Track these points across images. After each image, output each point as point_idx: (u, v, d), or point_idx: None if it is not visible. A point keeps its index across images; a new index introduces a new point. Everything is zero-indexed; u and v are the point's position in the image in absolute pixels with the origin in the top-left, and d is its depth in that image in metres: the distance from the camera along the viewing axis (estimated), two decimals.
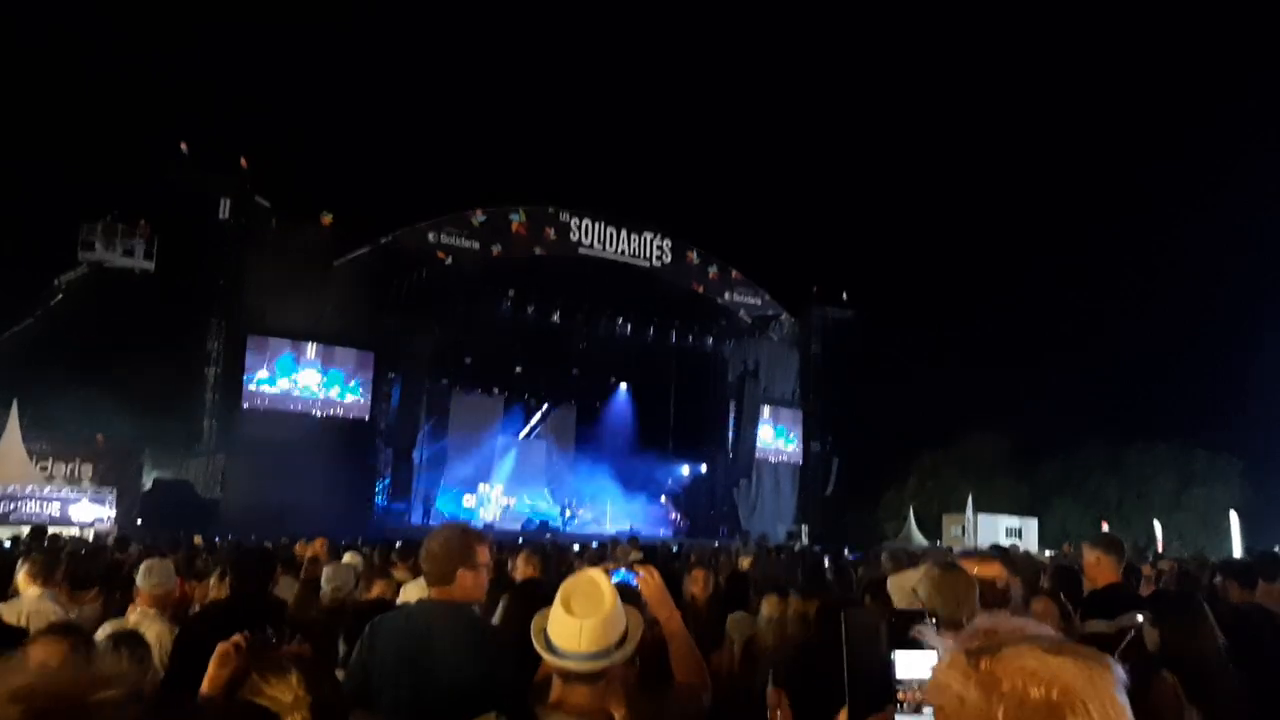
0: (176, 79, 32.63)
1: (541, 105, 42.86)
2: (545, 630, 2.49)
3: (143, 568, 5.12)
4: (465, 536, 3.32)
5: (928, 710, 1.26)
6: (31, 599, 4.92)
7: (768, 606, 4.62)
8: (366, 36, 45.39)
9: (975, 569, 3.33)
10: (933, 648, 1.28)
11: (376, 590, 5.99)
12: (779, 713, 2.31)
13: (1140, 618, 3.94)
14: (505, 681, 2.90)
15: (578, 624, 2.42)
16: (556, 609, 2.48)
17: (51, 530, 13.94)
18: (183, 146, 26.17)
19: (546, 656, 2.46)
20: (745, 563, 10.21)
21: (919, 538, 31.86)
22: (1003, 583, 3.52)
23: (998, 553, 4.54)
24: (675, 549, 16.40)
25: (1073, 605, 4.83)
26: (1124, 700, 1.12)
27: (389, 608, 4.68)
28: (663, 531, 33.14)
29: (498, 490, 32.56)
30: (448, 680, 2.98)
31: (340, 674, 3.14)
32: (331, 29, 42.30)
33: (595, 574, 2.59)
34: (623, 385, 37.20)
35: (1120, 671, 1.15)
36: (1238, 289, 35.61)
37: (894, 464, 37.92)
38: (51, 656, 2.87)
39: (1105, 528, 28.67)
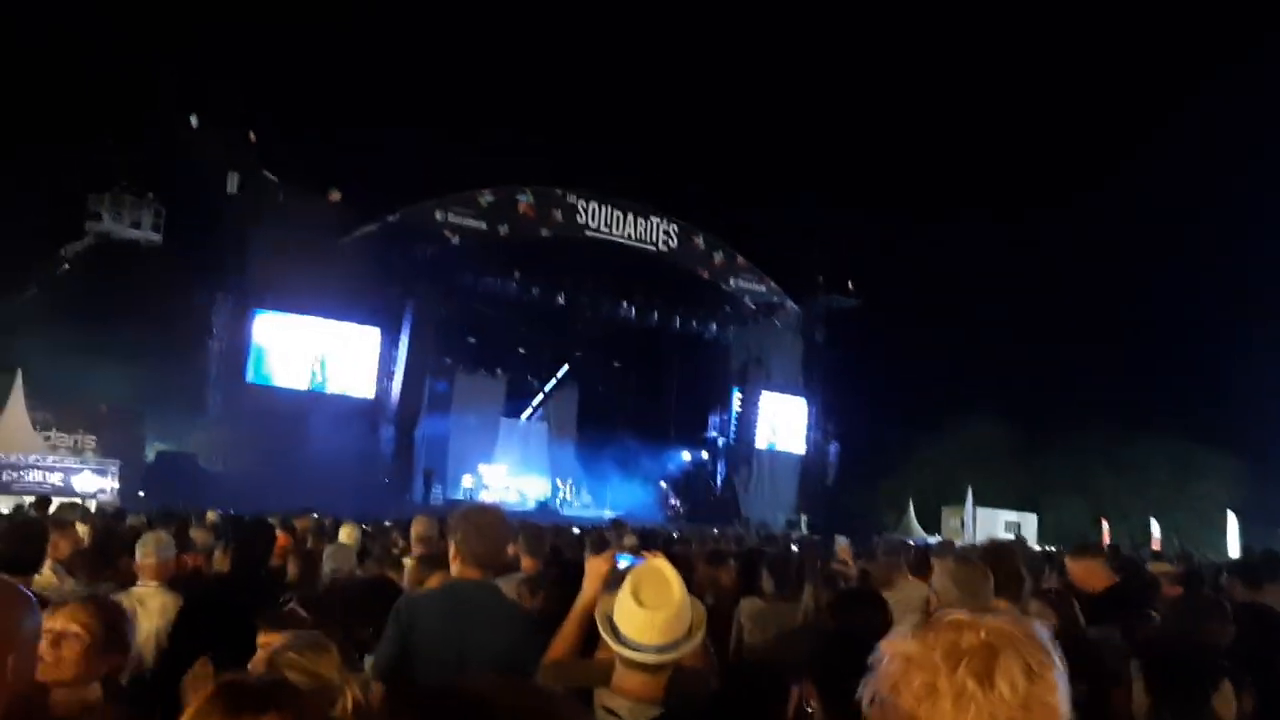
0: (187, 51, 32.51)
1: (550, 87, 42.67)
2: (611, 617, 2.49)
3: (140, 541, 5.14)
4: (505, 517, 3.39)
5: None
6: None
7: (810, 595, 4.59)
8: (379, 13, 45.26)
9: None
10: None
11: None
12: (812, 703, 2.32)
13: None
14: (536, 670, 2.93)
15: (649, 616, 2.42)
16: (626, 599, 2.47)
17: (59, 501, 13.90)
18: (192, 119, 26.12)
19: (614, 645, 2.46)
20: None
21: (918, 529, 31.91)
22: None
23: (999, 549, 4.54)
24: (675, 534, 16.42)
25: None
26: (1052, 648, 1.23)
27: (392, 587, 4.69)
28: (661, 517, 33.16)
29: (498, 471, 32.57)
30: (492, 666, 2.97)
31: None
32: (343, 5, 42.18)
33: (661, 564, 2.59)
34: (625, 369, 37.20)
35: (1045, 628, 1.27)
36: (1242, 284, 35.46)
37: (894, 454, 37.98)
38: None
39: (1105, 525, 28.71)
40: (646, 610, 2.43)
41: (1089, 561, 5.19)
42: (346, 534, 8.09)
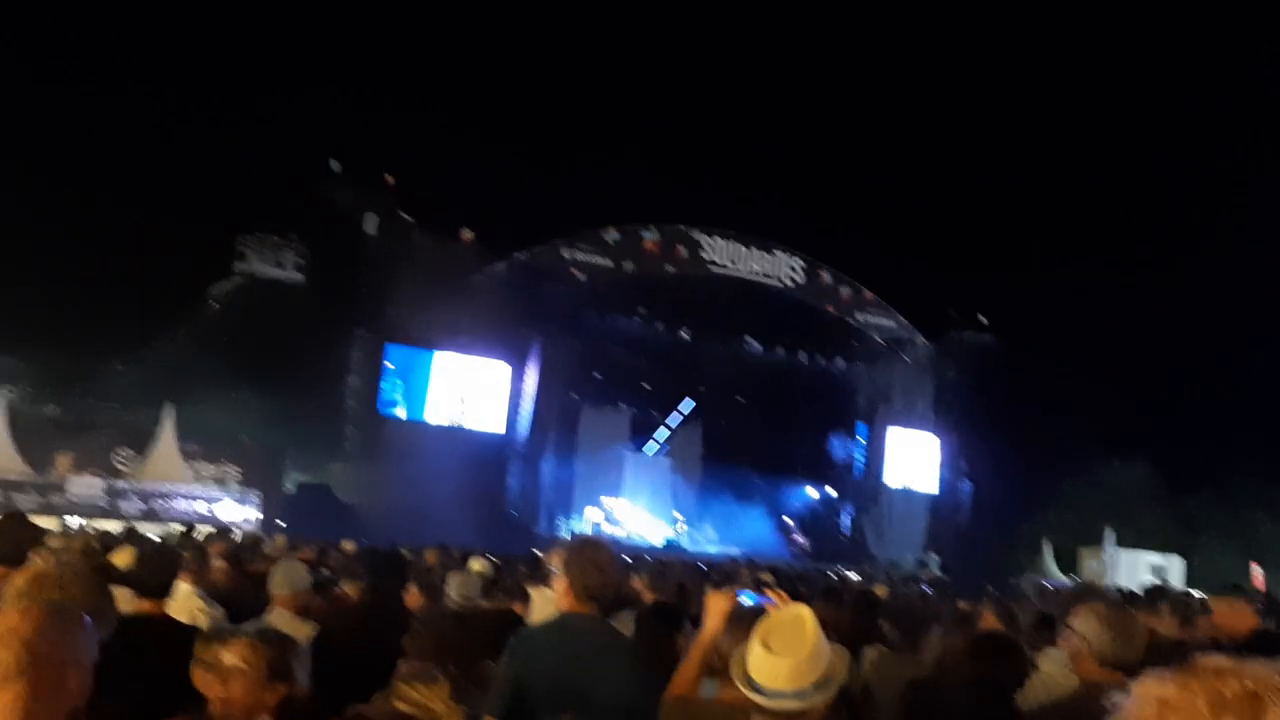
0: (329, 99, 34.04)
1: (674, 123, 43.18)
2: (745, 664, 2.47)
3: (274, 570, 5.25)
4: (615, 551, 3.36)
5: None
6: (184, 595, 5.09)
7: (940, 641, 4.37)
8: (507, 58, 46.53)
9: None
10: None
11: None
12: None
13: None
14: (653, 707, 2.90)
15: (777, 661, 2.39)
16: (755, 645, 2.45)
17: (202, 529, 14.50)
18: (333, 164, 27.23)
19: (746, 692, 2.43)
20: None
21: (1055, 572, 30.72)
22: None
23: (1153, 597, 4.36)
24: (800, 573, 16.20)
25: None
26: None
27: (515, 619, 4.72)
28: (786, 554, 32.68)
29: (622, 506, 32.64)
30: (609, 703, 2.95)
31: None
32: (473, 55, 43.53)
33: (800, 610, 2.55)
34: (750, 405, 36.89)
35: None
36: None
37: (1030, 493, 36.52)
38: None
39: (1258, 570, 27.15)
40: (774, 655, 2.39)
41: (1235, 601, 4.90)
42: (475, 565, 8.15)
